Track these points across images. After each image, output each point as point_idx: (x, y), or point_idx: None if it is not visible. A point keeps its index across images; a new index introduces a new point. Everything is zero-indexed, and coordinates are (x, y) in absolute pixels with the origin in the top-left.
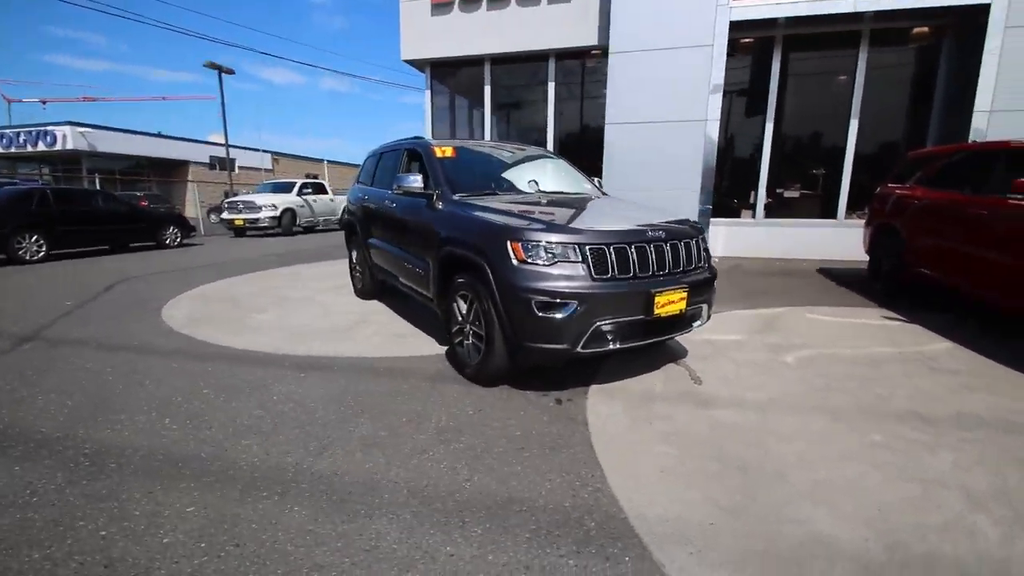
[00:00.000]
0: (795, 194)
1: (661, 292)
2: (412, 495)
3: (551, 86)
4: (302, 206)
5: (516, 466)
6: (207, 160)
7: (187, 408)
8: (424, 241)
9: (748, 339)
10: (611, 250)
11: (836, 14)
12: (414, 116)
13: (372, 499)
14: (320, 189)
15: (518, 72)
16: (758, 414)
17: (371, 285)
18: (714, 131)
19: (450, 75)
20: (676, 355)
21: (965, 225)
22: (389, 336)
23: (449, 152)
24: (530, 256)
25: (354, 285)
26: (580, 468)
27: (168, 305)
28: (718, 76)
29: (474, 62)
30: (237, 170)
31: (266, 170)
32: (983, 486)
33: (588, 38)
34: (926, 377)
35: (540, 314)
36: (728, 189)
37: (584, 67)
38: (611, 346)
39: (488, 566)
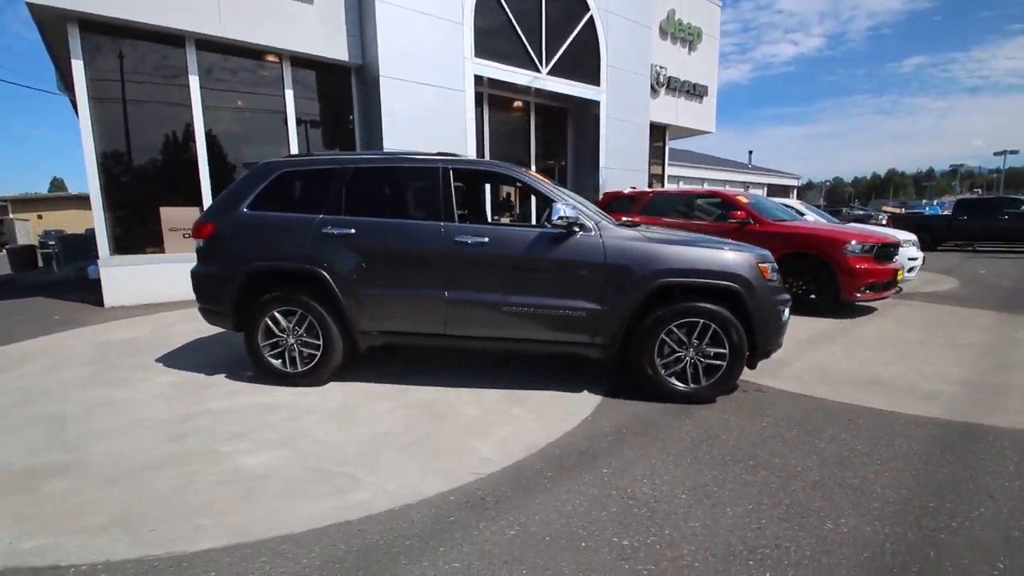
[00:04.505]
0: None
1: None
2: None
3: (290, 94)
4: None
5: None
6: None
7: None
8: (593, 280)
9: None
10: None
11: (515, 83)
12: None
13: None
14: None
15: (241, 68)
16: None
17: (339, 359)
18: None
19: (124, 48)
20: None
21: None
22: (534, 411)
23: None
24: (771, 274)
25: (286, 368)
26: (871, 417)
27: None
28: (471, 117)
29: (170, 38)
30: None
31: None
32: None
33: (336, 51)
34: None
35: (783, 320)
36: None
37: (330, 81)
38: None
39: None
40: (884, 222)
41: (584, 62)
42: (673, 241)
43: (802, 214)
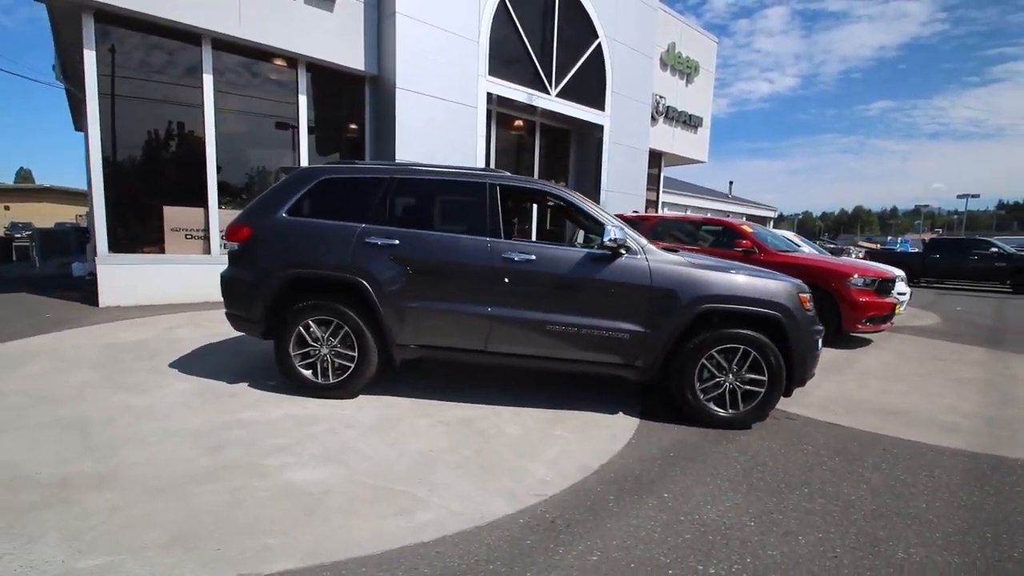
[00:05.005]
0: None
1: None
2: None
3: (303, 99)
4: None
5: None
6: None
7: None
8: (638, 302)
9: None
10: None
11: (524, 103)
12: None
13: None
14: None
15: (256, 70)
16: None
17: (373, 372)
18: None
19: (138, 42)
20: None
21: None
22: (577, 432)
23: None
24: (809, 304)
25: (317, 378)
26: (903, 448)
27: None
28: (482, 133)
29: (186, 35)
30: None
31: None
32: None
33: (353, 60)
34: None
35: (818, 350)
36: None
37: (344, 89)
38: None
39: None
40: (858, 256)
41: (591, 87)
42: (717, 267)
43: (798, 246)
